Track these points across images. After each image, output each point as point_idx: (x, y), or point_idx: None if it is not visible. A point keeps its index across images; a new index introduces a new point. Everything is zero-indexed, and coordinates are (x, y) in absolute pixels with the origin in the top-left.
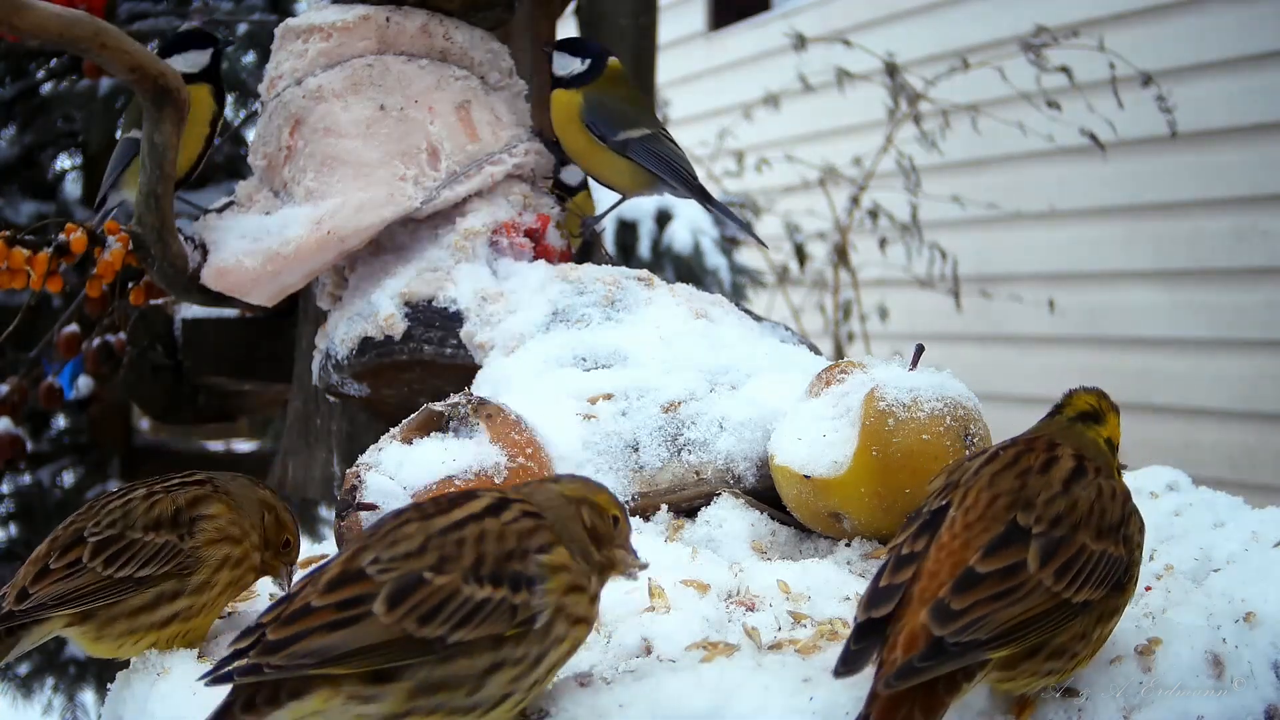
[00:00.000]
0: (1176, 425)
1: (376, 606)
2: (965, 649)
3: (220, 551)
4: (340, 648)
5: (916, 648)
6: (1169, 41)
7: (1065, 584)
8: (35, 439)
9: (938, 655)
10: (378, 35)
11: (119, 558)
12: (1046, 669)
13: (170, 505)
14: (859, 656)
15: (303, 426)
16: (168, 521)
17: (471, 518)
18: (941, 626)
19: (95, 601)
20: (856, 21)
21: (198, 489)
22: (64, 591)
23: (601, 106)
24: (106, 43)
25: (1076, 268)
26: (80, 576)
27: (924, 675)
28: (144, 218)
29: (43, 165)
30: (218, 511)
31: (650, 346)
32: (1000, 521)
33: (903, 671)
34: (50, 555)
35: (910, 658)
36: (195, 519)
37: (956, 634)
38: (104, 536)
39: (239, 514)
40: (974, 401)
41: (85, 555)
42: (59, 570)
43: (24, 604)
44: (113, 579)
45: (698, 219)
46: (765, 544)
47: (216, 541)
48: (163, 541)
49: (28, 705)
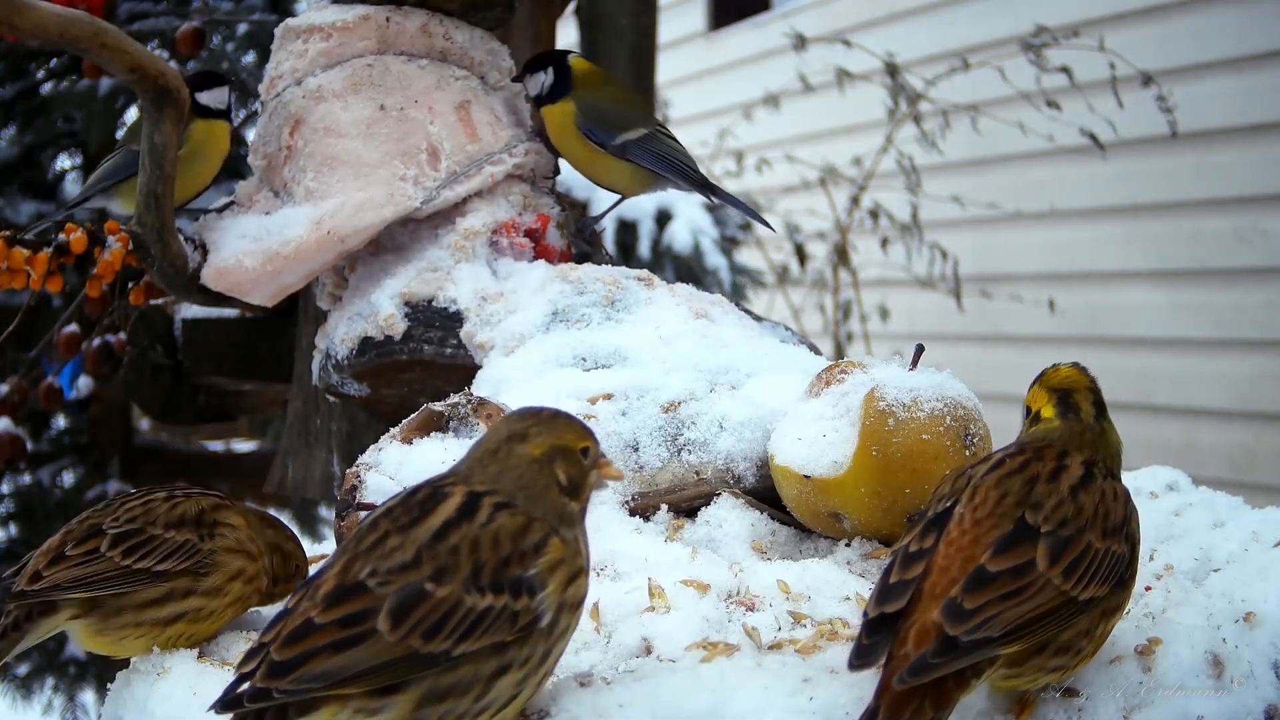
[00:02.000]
0: (1176, 425)
1: (380, 623)
2: (977, 646)
3: (236, 562)
4: (347, 670)
5: (928, 643)
6: (1169, 41)
7: (1073, 582)
8: (35, 439)
9: (951, 652)
10: (378, 35)
11: (138, 549)
12: (1052, 665)
13: (194, 507)
14: (872, 651)
15: (303, 426)
16: (191, 521)
17: (450, 523)
18: (955, 625)
19: (108, 589)
20: (856, 21)
21: (219, 499)
22: (79, 575)
23: (595, 111)
24: (106, 43)
25: (1076, 268)
26: (97, 563)
27: (937, 672)
28: (144, 218)
29: (43, 165)
30: (238, 524)
31: (650, 346)
32: (1009, 519)
33: (917, 667)
34: (65, 544)
35: (924, 654)
36: (216, 523)
37: (969, 632)
38: (124, 530)
39: (255, 534)
40: (974, 401)
41: (104, 545)
42: (76, 556)
43: (38, 584)
44: (130, 569)
45: (698, 219)
46: (765, 544)
47: (234, 551)
48: (183, 539)
49: (27, 705)
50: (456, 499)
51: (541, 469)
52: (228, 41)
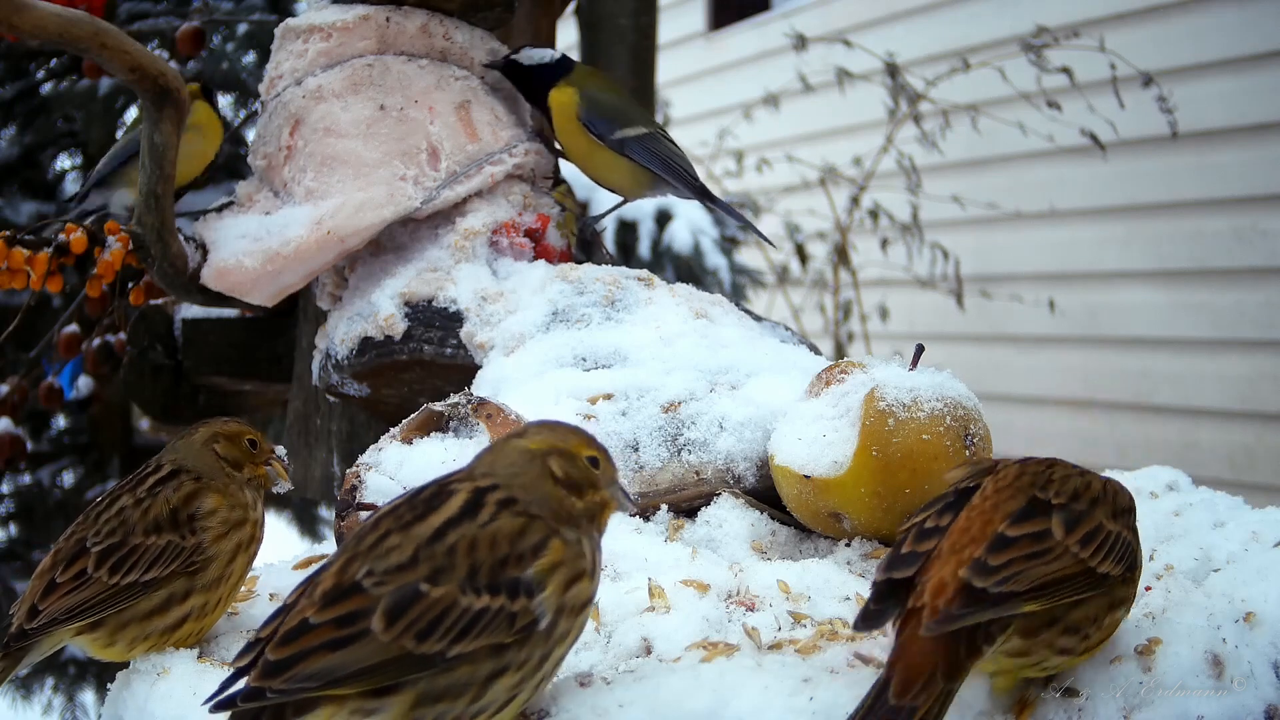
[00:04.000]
0: (1176, 425)
1: (374, 623)
2: (1004, 599)
3: (230, 542)
4: (341, 670)
5: (946, 595)
6: (1169, 41)
7: (1090, 552)
8: (35, 439)
9: (977, 604)
10: (378, 35)
11: (123, 564)
12: (1061, 645)
13: (165, 507)
14: (878, 616)
15: (303, 426)
16: (167, 523)
17: (450, 523)
18: (982, 578)
19: (105, 610)
20: (856, 21)
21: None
22: (73, 605)
23: (596, 103)
24: (106, 43)
25: (1076, 268)
26: (88, 588)
27: (964, 621)
28: (144, 218)
29: (43, 165)
30: (214, 504)
31: (650, 346)
32: (1024, 494)
33: (945, 618)
34: (55, 569)
35: (949, 607)
36: (193, 515)
37: (997, 584)
38: (106, 545)
39: (227, 491)
40: (974, 401)
41: (90, 565)
42: (66, 583)
43: (35, 621)
44: (119, 586)
45: (698, 219)
46: (765, 544)
47: (224, 535)
48: (165, 542)
49: (27, 705)
50: (461, 497)
51: (533, 459)
52: (228, 41)
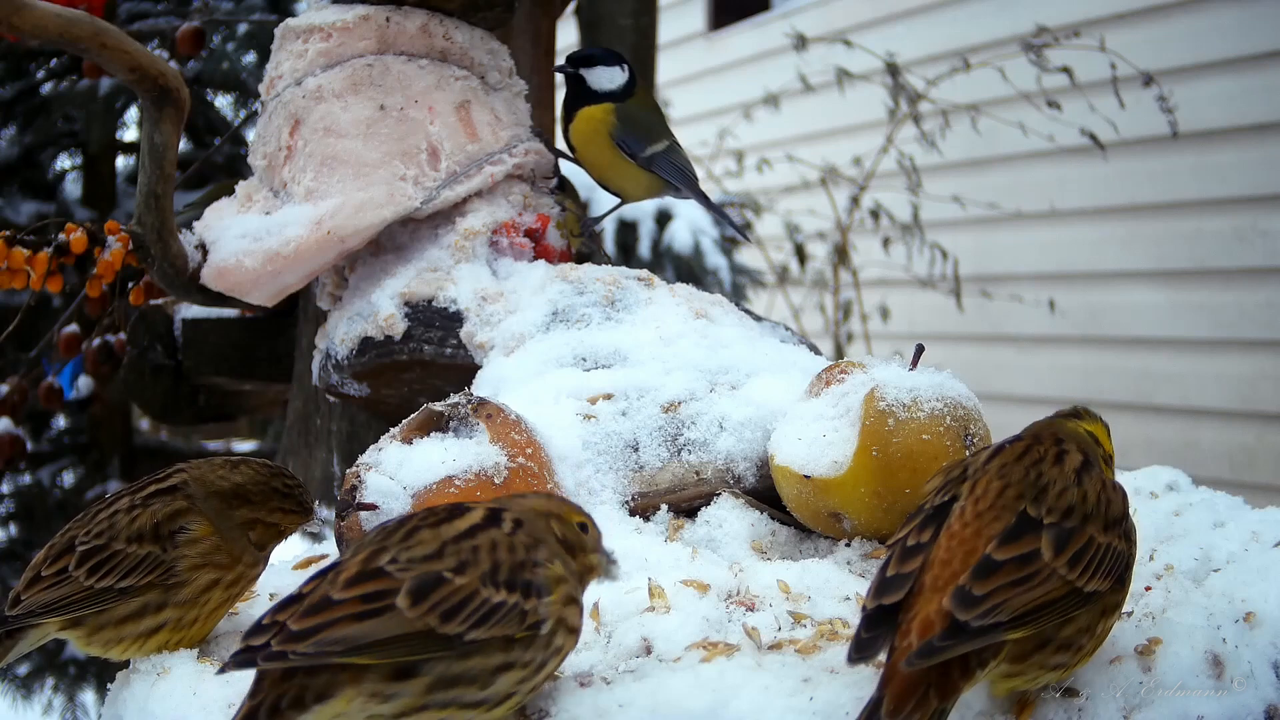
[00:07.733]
0: (1176, 425)
1: (400, 600)
2: (986, 631)
3: (205, 577)
4: (366, 637)
5: (933, 632)
6: (1170, 41)
7: (1078, 572)
8: (35, 439)
9: (958, 635)
10: (378, 35)
11: (101, 568)
12: (1053, 663)
13: (149, 520)
14: (871, 644)
15: (303, 426)
16: (149, 534)
17: (476, 527)
18: (964, 611)
19: (80, 610)
20: (856, 21)
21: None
22: (50, 600)
23: (633, 123)
24: (106, 43)
25: (1076, 268)
26: (65, 586)
27: (945, 654)
28: (144, 218)
29: (43, 165)
30: (201, 533)
31: (650, 346)
32: (1011, 511)
33: (925, 650)
34: (44, 562)
35: (931, 638)
36: (175, 532)
37: (979, 617)
38: (90, 547)
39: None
40: (974, 401)
41: (72, 564)
42: (48, 578)
43: (15, 609)
44: (94, 589)
45: (698, 219)
46: (765, 544)
47: (200, 567)
48: (145, 553)
49: (27, 705)
50: (481, 511)
51: (539, 515)
52: (228, 41)
